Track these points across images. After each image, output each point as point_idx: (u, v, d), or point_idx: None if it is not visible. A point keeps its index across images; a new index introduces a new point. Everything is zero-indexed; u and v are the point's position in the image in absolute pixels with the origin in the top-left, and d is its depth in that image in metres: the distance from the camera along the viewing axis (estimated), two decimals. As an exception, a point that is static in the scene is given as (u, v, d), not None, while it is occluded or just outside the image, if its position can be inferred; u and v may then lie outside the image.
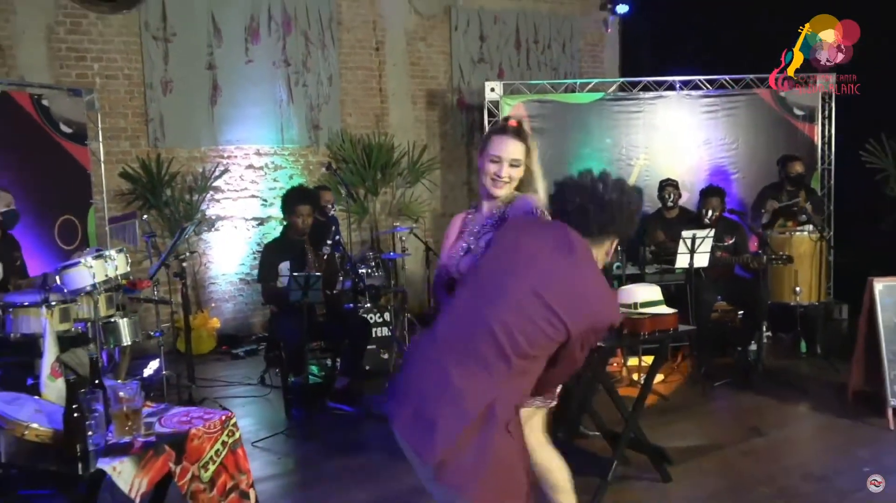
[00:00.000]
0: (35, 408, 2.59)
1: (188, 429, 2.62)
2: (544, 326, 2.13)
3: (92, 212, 6.48)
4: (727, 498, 3.93)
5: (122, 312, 4.95)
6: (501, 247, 2.33)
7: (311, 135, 8.33)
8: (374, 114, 8.76)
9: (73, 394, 2.38)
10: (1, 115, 5.80)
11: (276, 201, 8.03)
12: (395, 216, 8.58)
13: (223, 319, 7.78)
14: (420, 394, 2.12)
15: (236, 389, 6.19)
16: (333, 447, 4.78)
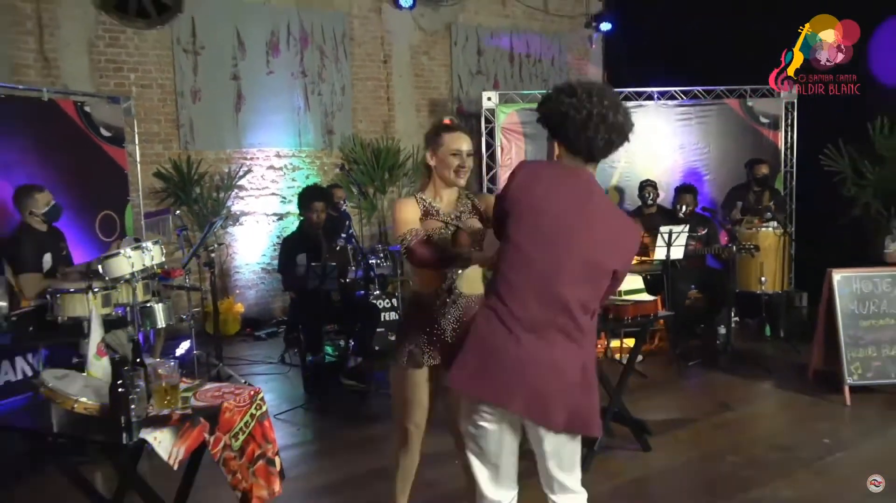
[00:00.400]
0: (83, 384, 2.58)
1: (220, 402, 2.60)
2: (604, 283, 2.21)
3: (129, 207, 6.46)
4: (701, 465, 3.94)
5: (157, 298, 4.93)
6: (533, 226, 2.16)
7: (326, 139, 8.30)
8: (383, 120, 8.73)
9: (117, 371, 2.37)
10: (48, 120, 5.75)
11: (294, 198, 7.96)
12: (401, 212, 8.53)
13: (247, 304, 7.77)
14: (529, 375, 2.13)
15: (259, 367, 6.21)
16: (347, 419, 4.80)
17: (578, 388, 2.16)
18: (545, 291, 2.13)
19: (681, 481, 3.78)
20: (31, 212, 4.71)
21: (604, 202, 2.25)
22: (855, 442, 4.17)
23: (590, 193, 2.20)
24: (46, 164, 5.56)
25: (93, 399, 2.47)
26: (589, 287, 2.18)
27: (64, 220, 5.03)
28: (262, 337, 7.33)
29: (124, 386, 2.37)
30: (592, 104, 2.14)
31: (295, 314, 5.83)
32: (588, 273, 2.16)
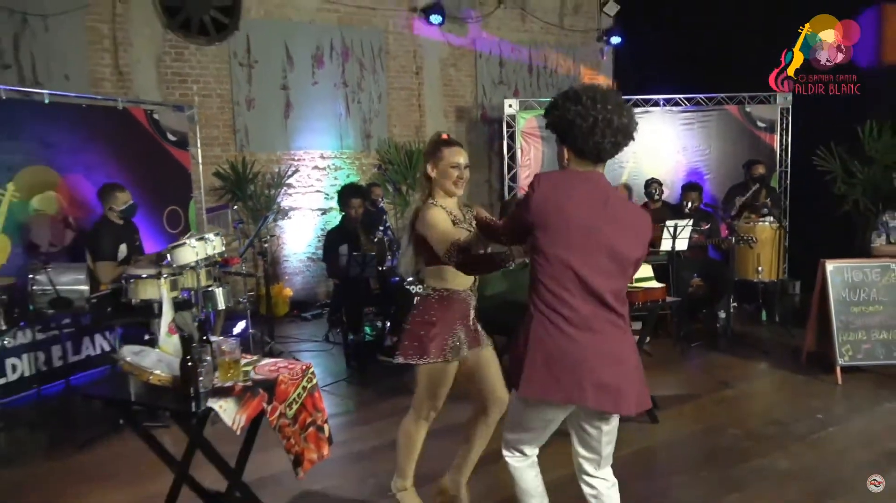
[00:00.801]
0: (157, 358, 2.61)
1: (276, 376, 2.62)
2: (631, 271, 2.21)
3: (192, 203, 6.51)
4: (704, 437, 3.89)
5: (217, 283, 4.96)
6: (562, 234, 2.12)
7: (364, 142, 8.30)
8: (415, 125, 8.70)
9: (187, 347, 2.40)
10: (123, 127, 5.81)
11: (336, 195, 8.00)
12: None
13: (294, 289, 7.82)
14: (595, 369, 2.11)
15: (306, 345, 6.25)
16: (385, 391, 4.82)
17: (636, 370, 2.18)
18: (585, 289, 2.10)
19: (686, 451, 3.73)
20: (112, 208, 4.78)
21: (618, 199, 2.20)
22: (846, 418, 4.09)
23: (605, 193, 2.16)
24: (121, 165, 5.62)
25: (165, 372, 2.50)
26: (620, 277, 2.16)
27: (136, 213, 5.09)
28: (307, 318, 7.37)
29: (193, 360, 2.40)
30: (597, 110, 2.08)
31: (337, 298, 5.85)
32: (617, 265, 2.14)
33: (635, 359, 2.18)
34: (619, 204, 2.18)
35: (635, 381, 2.16)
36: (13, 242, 4.84)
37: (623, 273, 2.17)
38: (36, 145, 5.07)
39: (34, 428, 4.26)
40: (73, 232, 5.29)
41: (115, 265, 4.73)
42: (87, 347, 5.37)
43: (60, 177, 5.21)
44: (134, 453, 3.74)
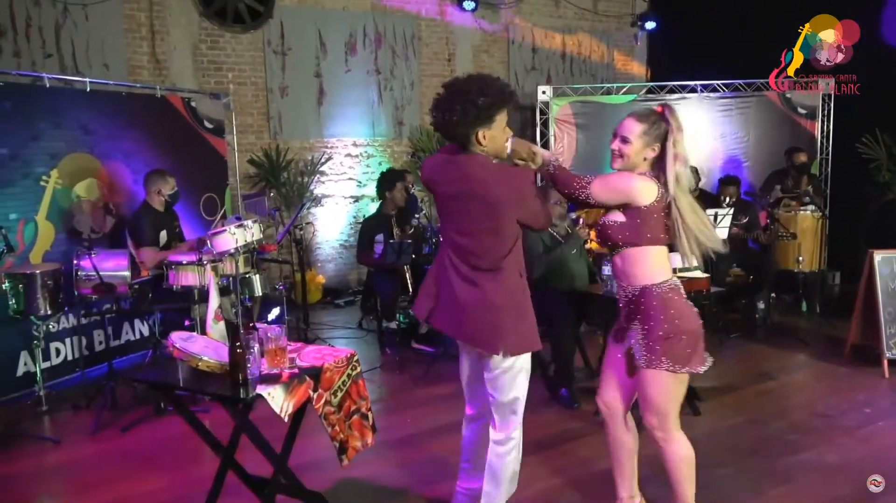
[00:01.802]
0: (204, 344, 2.62)
1: (322, 363, 2.61)
2: (501, 221, 2.47)
3: (228, 190, 6.55)
4: (747, 429, 3.81)
5: (254, 270, 4.98)
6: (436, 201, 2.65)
7: (396, 129, 8.26)
8: (447, 112, 8.62)
9: (235, 334, 2.39)
10: (161, 114, 5.85)
11: (368, 183, 8.03)
12: (462, 195, 8.47)
13: (327, 276, 7.85)
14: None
15: (339, 331, 6.26)
16: (418, 379, 4.81)
17: (475, 313, 2.48)
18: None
19: (730, 443, 3.66)
20: (159, 191, 4.81)
21: (456, 159, 2.43)
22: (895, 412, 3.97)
23: (445, 159, 2.49)
24: (159, 152, 5.66)
25: (213, 358, 2.51)
26: (478, 234, 2.41)
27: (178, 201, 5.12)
28: (340, 304, 7.39)
29: (242, 347, 2.40)
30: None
31: (371, 285, 5.85)
32: (470, 219, 2.42)
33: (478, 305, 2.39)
34: (453, 163, 2.43)
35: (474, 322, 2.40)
36: (57, 229, 4.91)
37: (485, 223, 2.37)
38: (78, 133, 5.12)
39: (79, 410, 4.33)
40: (113, 218, 5.35)
41: (156, 251, 4.77)
42: (127, 332, 5.45)
43: (101, 164, 5.27)
44: (177, 437, 3.79)
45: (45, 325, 4.44)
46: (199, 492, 2.87)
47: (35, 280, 4.21)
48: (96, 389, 4.45)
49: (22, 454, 3.76)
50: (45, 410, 4.30)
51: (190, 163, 5.98)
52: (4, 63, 5.80)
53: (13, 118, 4.65)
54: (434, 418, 4.06)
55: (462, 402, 4.21)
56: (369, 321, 6.24)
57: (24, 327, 4.46)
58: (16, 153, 4.66)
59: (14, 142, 4.66)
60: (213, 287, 2.76)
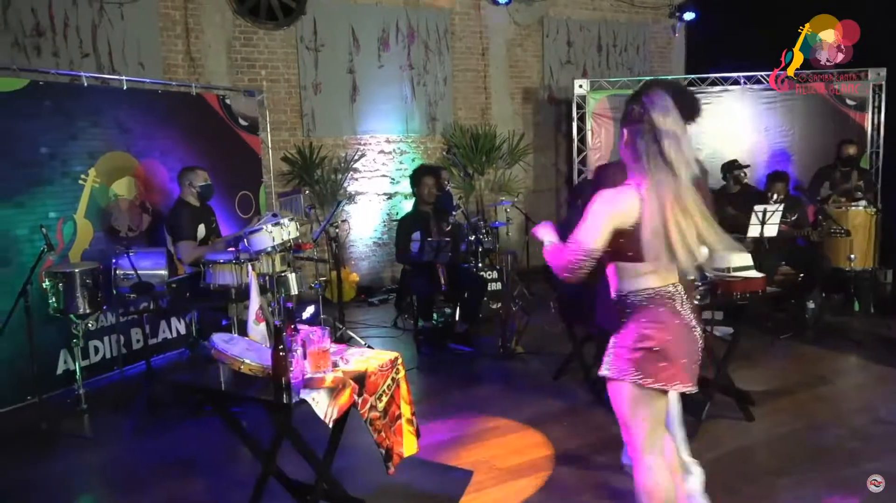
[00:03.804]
0: (245, 347, 2.56)
1: (366, 367, 2.55)
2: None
3: (262, 188, 6.53)
4: (805, 436, 3.63)
5: (290, 268, 4.94)
6: None
7: (430, 125, 8.18)
8: (480, 108, 8.54)
9: (278, 336, 2.32)
10: (196, 112, 5.84)
11: (402, 179, 7.96)
12: (496, 192, 8.39)
13: (360, 274, 7.80)
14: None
15: (374, 331, 6.20)
16: (455, 380, 4.72)
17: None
18: None
19: (788, 450, 3.48)
20: (191, 183, 4.80)
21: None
22: (962, 418, 3.76)
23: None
24: (195, 150, 5.65)
25: (255, 361, 2.45)
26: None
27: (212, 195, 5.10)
28: (374, 303, 7.34)
29: (284, 350, 2.33)
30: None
31: (406, 283, 5.77)
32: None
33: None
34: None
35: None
36: (95, 228, 4.93)
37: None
38: (115, 131, 5.13)
39: (117, 409, 4.33)
40: (150, 217, 5.36)
41: (195, 244, 4.75)
42: (164, 331, 5.45)
43: (138, 162, 5.27)
44: (215, 439, 3.75)
45: (83, 324, 4.45)
46: (237, 496, 2.81)
47: (74, 279, 4.21)
48: (135, 388, 4.45)
49: (63, 453, 3.76)
50: (84, 409, 4.31)
51: (225, 160, 5.97)
52: (44, 62, 5.85)
53: (52, 117, 4.67)
54: (474, 422, 3.97)
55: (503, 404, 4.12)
56: (404, 320, 6.18)
57: (64, 325, 4.48)
58: (55, 152, 4.69)
59: (54, 141, 4.68)
60: (254, 287, 2.70)
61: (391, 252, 7.99)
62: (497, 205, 7.79)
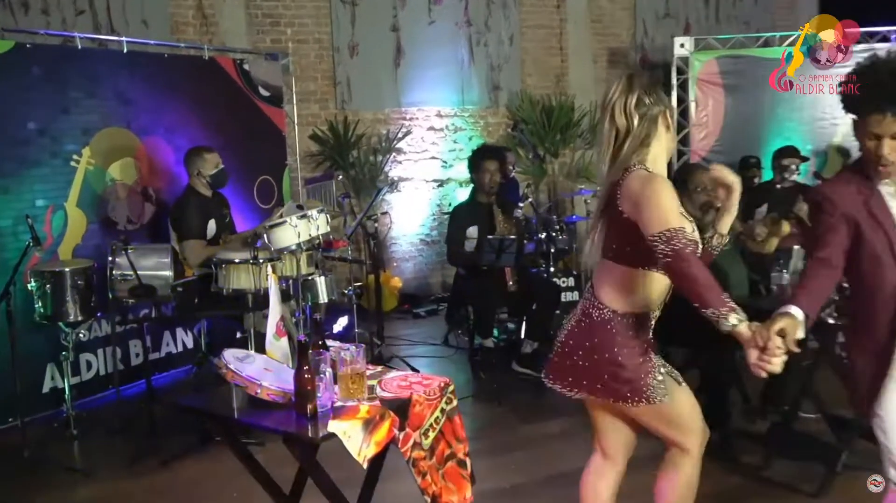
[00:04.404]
0: (263, 366, 2.58)
1: (410, 394, 2.53)
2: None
3: (287, 172, 6.63)
4: None
5: (319, 271, 5.00)
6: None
7: (491, 95, 8.18)
8: (555, 73, 8.48)
9: (303, 354, 2.33)
10: (209, 80, 5.97)
11: (455, 163, 7.97)
12: (573, 178, 8.30)
13: (404, 279, 7.84)
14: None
15: (420, 348, 6.22)
16: (521, 412, 4.68)
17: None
18: None
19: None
20: (199, 172, 4.89)
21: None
22: None
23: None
24: (207, 126, 5.78)
25: (275, 384, 2.46)
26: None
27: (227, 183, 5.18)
28: (420, 314, 7.37)
29: (310, 371, 2.34)
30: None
31: (460, 291, 5.77)
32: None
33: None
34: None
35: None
36: (89, 219, 5.10)
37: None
38: (113, 103, 5.29)
39: (113, 435, 4.45)
40: (153, 206, 5.51)
41: (203, 244, 4.85)
42: (168, 343, 5.60)
43: (139, 140, 5.43)
44: (226, 473, 3.80)
45: (74, 333, 4.58)
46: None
47: (64, 279, 4.35)
48: (133, 411, 4.56)
49: (48, 486, 3.88)
50: (74, 434, 4.44)
51: (243, 139, 6.10)
52: (31, 22, 6.08)
53: (42, 87, 4.84)
54: (545, 464, 3.93)
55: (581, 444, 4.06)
56: (457, 336, 6.18)
57: (52, 335, 4.63)
58: (44, 128, 4.86)
59: (43, 115, 4.85)
60: (274, 293, 2.72)
61: (442, 252, 7.98)
62: (574, 194, 7.72)
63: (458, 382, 5.25)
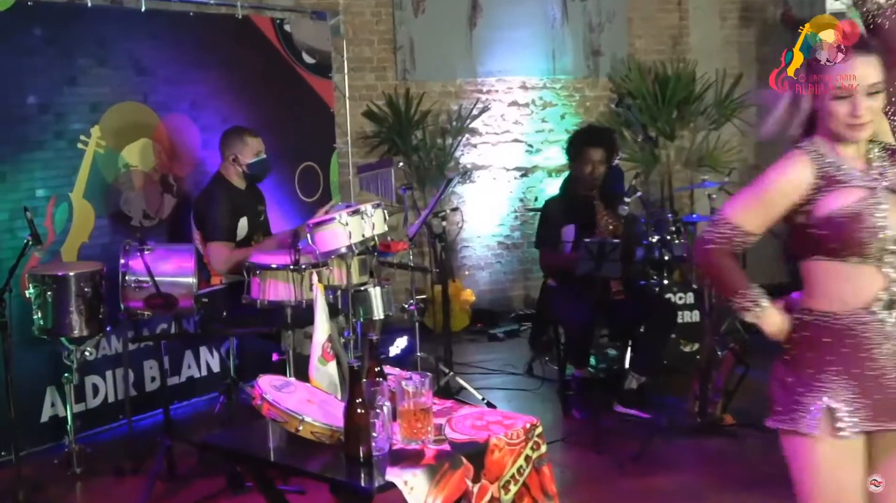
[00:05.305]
0: (306, 397, 2.61)
1: (487, 437, 2.56)
2: None
3: (335, 157, 6.69)
4: None
5: (373, 279, 5.02)
6: None
7: (590, 63, 8.16)
8: (671, 34, 8.42)
9: (356, 383, 2.36)
10: (242, 44, 6.06)
11: (543, 147, 7.93)
12: (693, 167, 8.18)
13: (477, 291, 7.84)
14: None
15: (496, 379, 6.23)
16: (628, 462, 4.60)
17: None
18: None
19: None
20: (236, 157, 4.99)
21: None
22: None
23: None
24: (240, 100, 5.91)
25: (320, 420, 2.49)
26: None
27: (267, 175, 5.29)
28: (498, 336, 7.36)
29: (364, 405, 2.35)
30: None
31: (549, 308, 5.76)
32: None
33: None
34: None
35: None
36: (98, 212, 5.23)
37: None
38: (128, 73, 5.44)
39: (123, 477, 4.55)
40: (174, 198, 5.63)
41: (232, 247, 4.94)
42: (190, 365, 5.71)
43: (159, 118, 5.56)
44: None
45: (79, 351, 4.70)
46: None
47: (68, 285, 4.48)
48: (147, 447, 4.65)
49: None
50: (77, 473, 4.56)
51: (283, 116, 6.20)
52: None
53: (45, 53, 5.00)
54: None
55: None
56: (544, 364, 6.17)
57: (52, 353, 4.77)
58: (46, 102, 5.01)
59: (45, 87, 5.01)
60: (321, 307, 2.75)
61: (525, 259, 8.00)
62: (694, 187, 7.61)
63: (545, 423, 5.21)
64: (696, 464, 4.64)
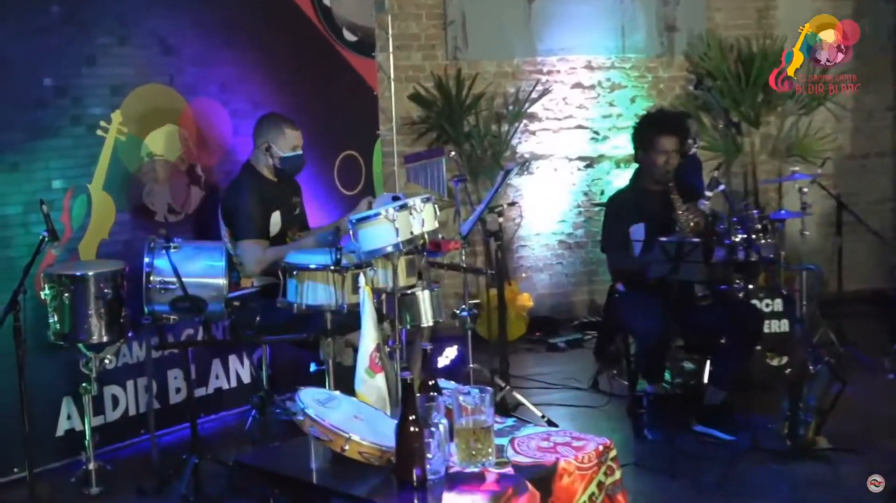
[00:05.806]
0: (352, 413, 2.62)
1: (555, 460, 2.56)
2: None
3: (378, 145, 6.71)
4: None
5: (422, 282, 5.01)
6: None
7: (664, 39, 8.16)
8: (756, 8, 8.38)
9: (410, 398, 2.36)
10: (277, 19, 6.09)
11: (611, 134, 7.92)
12: (782, 157, 8.10)
13: (535, 295, 7.85)
14: None
15: (559, 394, 6.21)
16: (708, 489, 4.60)
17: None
18: None
19: None
20: (269, 146, 5.03)
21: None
22: None
23: None
24: (274, 82, 5.95)
25: (368, 438, 2.49)
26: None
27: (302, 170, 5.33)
28: (559, 346, 7.36)
29: (419, 424, 2.35)
30: None
31: (617, 315, 5.75)
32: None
33: None
34: None
35: None
36: (118, 206, 5.28)
37: None
38: (152, 52, 5.48)
39: (145, 497, 4.59)
40: (202, 190, 5.68)
41: (265, 245, 4.97)
42: (218, 375, 5.76)
43: (186, 102, 5.61)
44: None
45: (98, 359, 4.75)
46: None
47: (87, 286, 4.52)
48: (172, 465, 4.69)
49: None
50: (95, 493, 4.61)
51: (320, 100, 6.22)
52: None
53: (62, 31, 5.03)
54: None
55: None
56: (612, 379, 6.17)
57: (69, 360, 4.81)
58: (63, 85, 5.05)
59: (62, 68, 5.05)
60: (368, 312, 2.76)
61: (589, 260, 7.99)
62: (783, 179, 7.53)
63: (617, 443, 5.18)
64: (784, 493, 4.57)
